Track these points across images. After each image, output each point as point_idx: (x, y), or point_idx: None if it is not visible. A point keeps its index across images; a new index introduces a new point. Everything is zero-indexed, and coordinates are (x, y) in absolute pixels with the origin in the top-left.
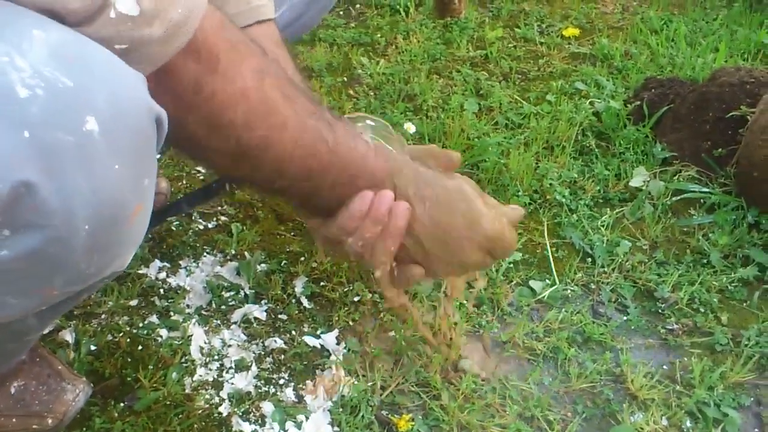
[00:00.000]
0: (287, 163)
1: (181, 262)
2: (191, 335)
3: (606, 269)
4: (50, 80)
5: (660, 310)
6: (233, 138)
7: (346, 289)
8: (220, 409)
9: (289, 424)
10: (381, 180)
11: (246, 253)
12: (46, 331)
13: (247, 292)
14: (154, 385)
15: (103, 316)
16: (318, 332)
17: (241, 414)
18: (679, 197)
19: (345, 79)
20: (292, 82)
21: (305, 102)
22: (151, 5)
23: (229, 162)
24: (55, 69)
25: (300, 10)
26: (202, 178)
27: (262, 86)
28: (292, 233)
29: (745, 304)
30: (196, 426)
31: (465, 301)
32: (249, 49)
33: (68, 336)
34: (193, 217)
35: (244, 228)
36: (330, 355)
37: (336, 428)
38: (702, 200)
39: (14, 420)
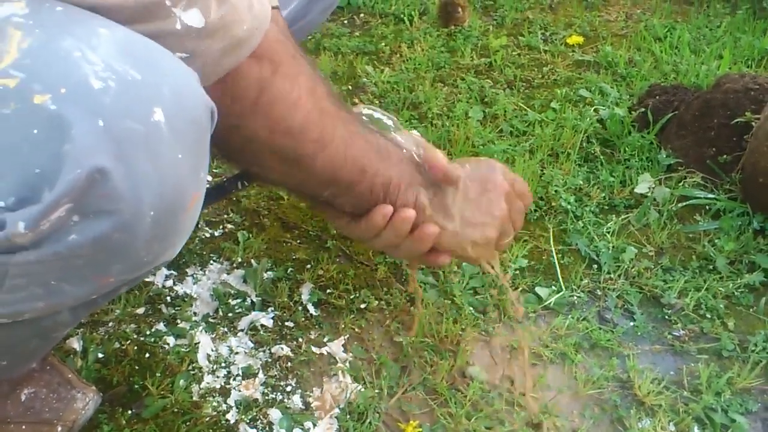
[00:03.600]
0: (340, 166)
1: (187, 270)
2: (198, 343)
3: (612, 275)
4: (120, 73)
5: (666, 316)
6: (291, 141)
7: (352, 297)
8: (228, 416)
9: (296, 431)
10: (407, 185)
11: (252, 260)
12: (71, 329)
13: (254, 300)
14: (162, 392)
15: (110, 324)
16: (325, 339)
17: (248, 421)
18: (684, 203)
19: (350, 87)
20: (335, 93)
21: (348, 110)
22: (217, 19)
23: (284, 166)
24: (124, 63)
25: (300, 12)
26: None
27: (315, 94)
28: (298, 241)
29: (751, 309)
30: None
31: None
32: (304, 60)
33: (76, 344)
34: (199, 225)
35: (251, 236)
36: (337, 362)
37: None
38: (707, 206)
39: (24, 427)
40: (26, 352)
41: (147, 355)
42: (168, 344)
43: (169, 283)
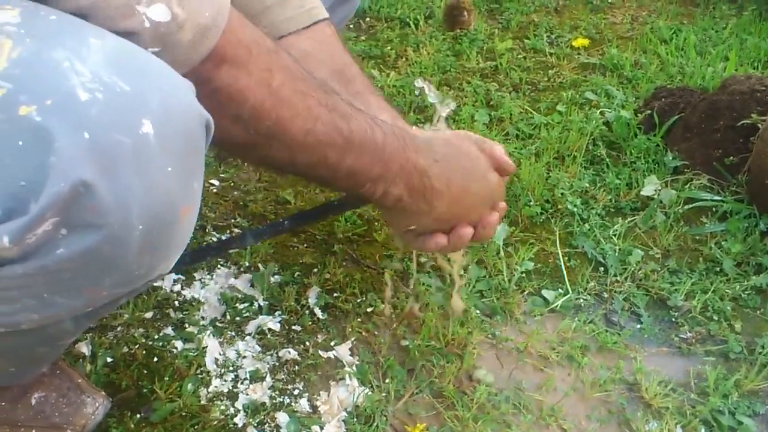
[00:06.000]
0: (297, 151)
1: (195, 274)
2: (206, 347)
3: (618, 278)
4: (108, 84)
5: (673, 319)
6: (240, 128)
7: (359, 300)
8: (236, 420)
9: None
10: (396, 169)
11: (260, 264)
12: (77, 337)
13: (261, 304)
14: (170, 396)
15: (119, 328)
16: (332, 343)
17: (256, 425)
18: (690, 206)
19: None
20: (306, 77)
21: (320, 95)
22: (181, 9)
23: (240, 149)
24: (113, 74)
25: None
26: (216, 191)
27: (270, 83)
28: (305, 245)
29: (758, 311)
30: None
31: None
32: (259, 48)
33: (85, 348)
34: (207, 230)
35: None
36: (344, 365)
37: None
38: (714, 208)
39: (34, 431)
40: (34, 358)
41: (155, 359)
42: (176, 348)
43: (177, 287)
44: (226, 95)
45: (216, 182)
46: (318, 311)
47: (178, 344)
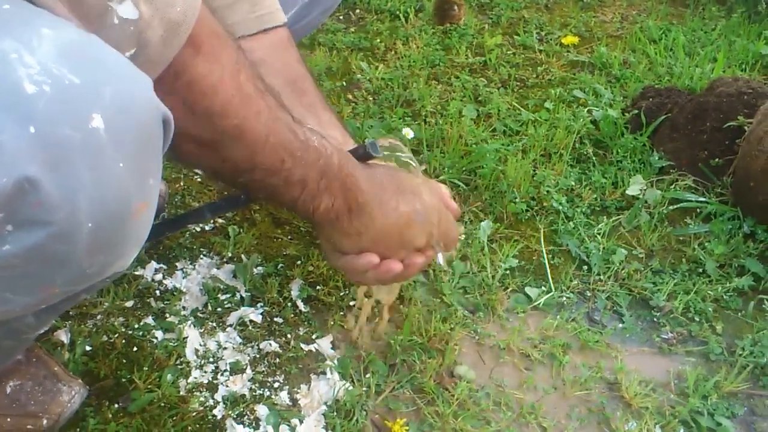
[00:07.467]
0: (260, 153)
1: (177, 263)
2: (186, 337)
3: (602, 277)
4: (57, 77)
5: (655, 319)
6: (209, 125)
7: (342, 293)
8: (215, 411)
9: (283, 428)
10: (337, 185)
11: (243, 255)
12: (43, 331)
13: (243, 295)
14: (149, 386)
15: (98, 316)
16: (313, 336)
17: (235, 417)
18: (675, 206)
19: (344, 83)
20: (262, 78)
21: (274, 98)
22: (149, 7)
23: (200, 150)
24: (63, 66)
25: (302, 13)
26: (200, 180)
27: (238, 77)
28: (289, 237)
29: (740, 313)
30: (190, 428)
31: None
32: (228, 41)
33: (63, 336)
34: None
35: (241, 231)
36: (325, 359)
37: None
38: (698, 209)
39: (9, 419)
40: (1, 351)
41: (135, 348)
42: (156, 338)
43: (159, 276)
44: (199, 88)
45: (200, 171)
46: (300, 304)
47: (158, 334)
